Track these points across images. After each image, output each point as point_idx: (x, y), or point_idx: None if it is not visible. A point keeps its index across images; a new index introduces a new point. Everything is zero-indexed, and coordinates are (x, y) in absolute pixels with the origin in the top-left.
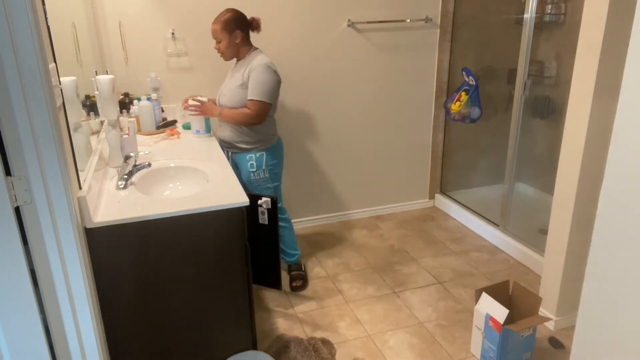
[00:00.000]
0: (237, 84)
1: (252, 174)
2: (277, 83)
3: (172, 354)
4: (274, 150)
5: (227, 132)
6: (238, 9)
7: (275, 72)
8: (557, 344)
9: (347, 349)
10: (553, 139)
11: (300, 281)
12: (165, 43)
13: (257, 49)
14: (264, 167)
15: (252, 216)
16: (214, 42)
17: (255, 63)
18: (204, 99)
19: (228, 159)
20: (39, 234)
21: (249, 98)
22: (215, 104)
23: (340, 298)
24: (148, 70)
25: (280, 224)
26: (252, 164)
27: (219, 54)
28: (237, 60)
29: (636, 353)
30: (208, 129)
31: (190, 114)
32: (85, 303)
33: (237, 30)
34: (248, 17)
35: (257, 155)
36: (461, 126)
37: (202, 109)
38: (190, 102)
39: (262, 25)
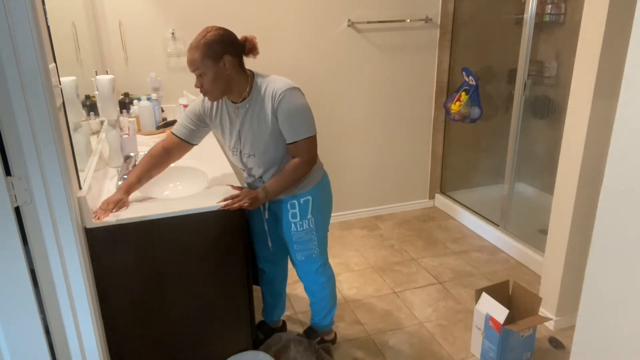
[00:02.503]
0: (266, 133)
1: (293, 225)
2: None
3: (172, 354)
4: (322, 189)
5: (261, 183)
6: (222, 27)
7: (300, 90)
8: (557, 344)
9: (347, 349)
10: (553, 139)
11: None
12: (165, 43)
13: (254, 73)
14: (309, 216)
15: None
16: None
17: (275, 92)
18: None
19: (264, 211)
20: (39, 234)
21: (294, 140)
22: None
23: (340, 298)
24: (148, 70)
25: (320, 278)
26: (294, 213)
27: (202, 94)
28: (232, 101)
29: (636, 353)
30: None
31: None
32: (85, 303)
33: (227, 56)
34: (239, 36)
35: (302, 201)
36: (461, 126)
37: (248, 202)
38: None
39: (263, 26)
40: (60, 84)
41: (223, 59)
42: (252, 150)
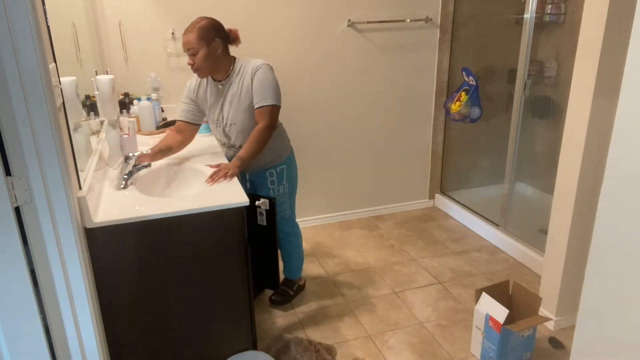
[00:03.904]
0: (245, 105)
1: (271, 191)
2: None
3: (172, 353)
4: (291, 160)
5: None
6: (214, 18)
7: (272, 68)
8: (557, 344)
9: (347, 349)
10: (553, 139)
11: (281, 297)
12: (165, 43)
13: (237, 58)
14: (284, 182)
15: (250, 217)
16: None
17: (254, 66)
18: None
19: (244, 182)
20: (39, 234)
21: (260, 105)
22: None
23: (340, 298)
24: (148, 70)
25: (290, 237)
26: (272, 180)
27: (193, 70)
28: (217, 80)
29: (636, 353)
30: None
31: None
32: (85, 303)
33: (217, 39)
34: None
35: (278, 170)
36: (461, 126)
37: (224, 174)
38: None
39: (263, 26)
40: (60, 84)
41: (215, 41)
42: (234, 119)
